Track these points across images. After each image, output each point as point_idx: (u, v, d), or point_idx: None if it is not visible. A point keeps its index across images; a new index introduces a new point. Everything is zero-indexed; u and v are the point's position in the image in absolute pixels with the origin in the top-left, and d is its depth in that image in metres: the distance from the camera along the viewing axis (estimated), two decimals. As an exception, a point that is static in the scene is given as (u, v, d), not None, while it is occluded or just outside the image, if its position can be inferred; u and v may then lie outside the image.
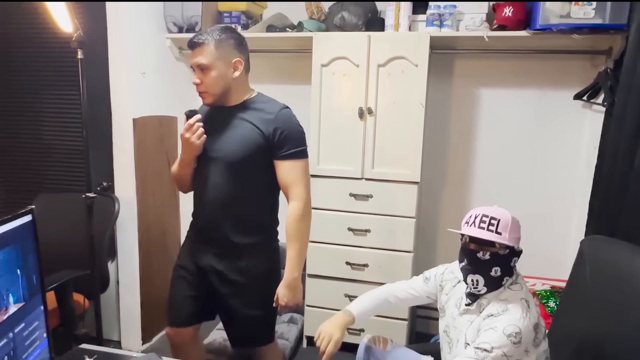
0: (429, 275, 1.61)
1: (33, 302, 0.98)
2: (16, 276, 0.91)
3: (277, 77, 2.84)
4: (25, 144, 2.69)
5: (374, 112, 2.31)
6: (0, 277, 0.86)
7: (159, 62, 2.60)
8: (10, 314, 0.89)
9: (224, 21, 2.61)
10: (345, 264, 2.46)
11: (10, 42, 2.60)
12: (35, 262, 0.99)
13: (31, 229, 0.98)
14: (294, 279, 1.67)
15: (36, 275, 0.99)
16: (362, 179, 2.39)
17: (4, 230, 0.88)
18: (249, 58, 1.74)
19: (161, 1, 2.55)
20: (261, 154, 1.64)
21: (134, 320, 2.59)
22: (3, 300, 0.87)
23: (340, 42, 2.32)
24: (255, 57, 2.88)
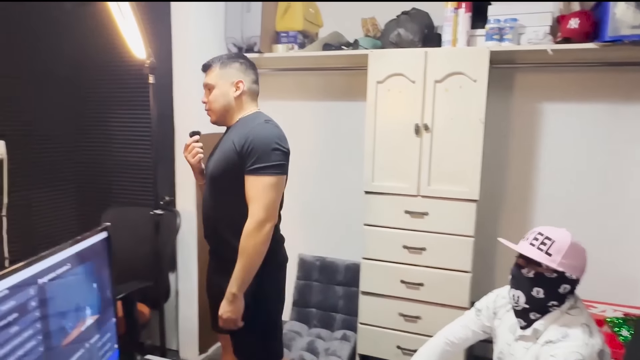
0: (480, 307, 1.54)
1: (106, 314, 1.04)
2: (92, 290, 0.97)
3: (331, 94, 2.88)
4: (96, 159, 2.88)
5: (430, 128, 2.27)
6: (79, 291, 0.92)
7: (220, 81, 2.71)
8: (87, 326, 0.95)
9: (281, 41, 2.68)
10: (400, 283, 2.41)
11: (88, 64, 2.81)
12: (109, 276, 1.05)
13: (106, 245, 1.04)
14: (230, 294, 1.60)
15: (109, 289, 1.05)
16: (418, 196, 2.35)
17: (83, 247, 0.95)
18: (255, 81, 1.83)
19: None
20: (236, 169, 1.64)
21: (192, 330, 2.66)
22: (81, 313, 0.93)
23: (396, 59, 2.32)
24: (311, 75, 2.96)
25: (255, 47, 2.61)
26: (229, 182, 1.67)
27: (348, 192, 2.87)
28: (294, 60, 2.76)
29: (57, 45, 2.75)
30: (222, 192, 1.69)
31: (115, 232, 2.34)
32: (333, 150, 2.94)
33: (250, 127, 1.69)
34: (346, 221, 2.91)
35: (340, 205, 2.94)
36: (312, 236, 3.06)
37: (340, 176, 2.92)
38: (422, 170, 2.32)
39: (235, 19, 2.63)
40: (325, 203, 3.00)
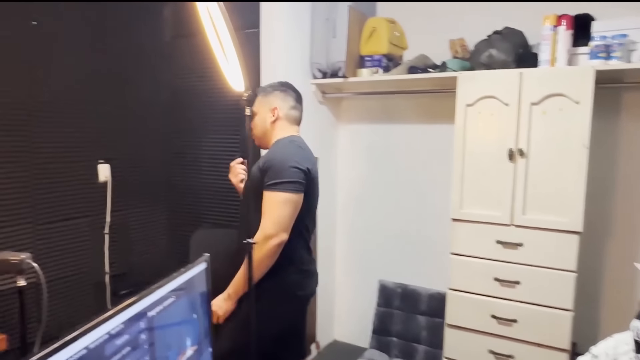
0: (597, 353, 1.37)
1: (204, 344, 1.05)
2: (193, 321, 0.99)
3: (417, 117, 2.81)
4: (187, 182, 3.02)
5: (525, 153, 2.12)
6: (182, 322, 0.94)
7: (305, 106, 2.74)
8: (187, 357, 0.97)
9: (365, 65, 2.67)
10: (491, 317, 2.25)
11: (183, 93, 2.99)
12: (207, 305, 1.07)
13: (205, 275, 1.06)
14: (227, 292, 1.75)
15: (207, 318, 1.07)
16: (511, 225, 2.19)
17: (186, 279, 0.97)
18: (294, 107, 1.95)
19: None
20: (259, 186, 1.72)
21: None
22: (183, 344, 0.95)
23: (488, 81, 2.20)
24: (395, 98, 2.92)
25: (340, 71, 2.62)
26: (254, 199, 1.72)
27: (433, 218, 2.76)
28: (378, 83, 2.73)
29: (157, 75, 2.96)
30: (250, 209, 1.70)
31: (201, 252, 2.43)
32: (418, 174, 2.84)
33: (274, 147, 1.82)
34: (431, 248, 2.79)
35: (425, 232, 2.83)
36: (394, 262, 2.97)
37: (425, 201, 2.82)
38: (516, 198, 2.16)
39: (320, 44, 2.67)
40: (408, 228, 2.91)
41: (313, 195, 1.86)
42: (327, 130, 2.99)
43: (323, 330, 3.08)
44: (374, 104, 2.98)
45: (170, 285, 0.92)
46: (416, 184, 2.85)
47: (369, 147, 3.01)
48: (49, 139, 2.40)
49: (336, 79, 2.65)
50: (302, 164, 1.74)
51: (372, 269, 3.06)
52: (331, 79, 2.68)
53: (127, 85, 2.80)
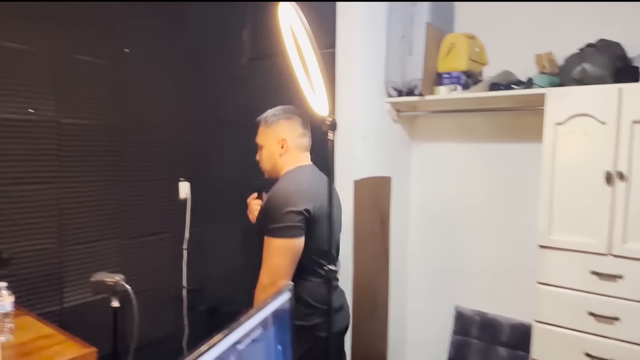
0: None
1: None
2: (278, 352, 0.97)
3: (498, 136, 2.66)
4: None
5: (626, 176, 1.93)
6: (267, 354, 0.92)
7: (378, 125, 2.69)
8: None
9: (443, 82, 2.57)
10: (584, 356, 2.05)
11: (260, 113, 3.04)
12: (290, 335, 1.05)
13: (289, 305, 1.04)
14: None
15: (290, 348, 1.05)
16: (609, 255, 1.99)
17: (272, 310, 0.96)
18: (302, 134, 1.86)
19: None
20: (261, 225, 1.70)
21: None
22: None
23: (581, 98, 2.03)
24: (475, 116, 2.79)
25: (416, 89, 2.55)
26: (258, 239, 1.69)
27: (516, 243, 2.58)
28: (457, 101, 2.62)
29: (235, 96, 3.06)
30: (257, 251, 1.69)
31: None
32: (498, 196, 2.68)
33: (277, 185, 1.76)
34: (513, 276, 2.61)
35: (506, 257, 2.65)
36: (472, 288, 2.81)
37: (506, 225, 2.64)
38: (615, 225, 1.96)
39: (396, 62, 2.61)
40: (487, 253, 2.74)
41: (320, 231, 1.70)
42: (401, 148, 2.92)
43: (396, 350, 2.98)
44: (451, 122, 2.87)
45: (257, 317, 0.91)
46: (497, 206, 2.69)
47: (445, 166, 2.90)
48: (137, 158, 2.55)
49: (412, 97, 2.58)
50: (300, 206, 1.64)
51: (446, 293, 2.92)
52: (407, 97, 2.61)
53: (208, 106, 2.92)
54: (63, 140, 2.24)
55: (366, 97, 2.56)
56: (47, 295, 2.22)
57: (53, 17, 2.19)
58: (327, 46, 2.59)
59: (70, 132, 2.27)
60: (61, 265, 2.25)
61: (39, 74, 2.15)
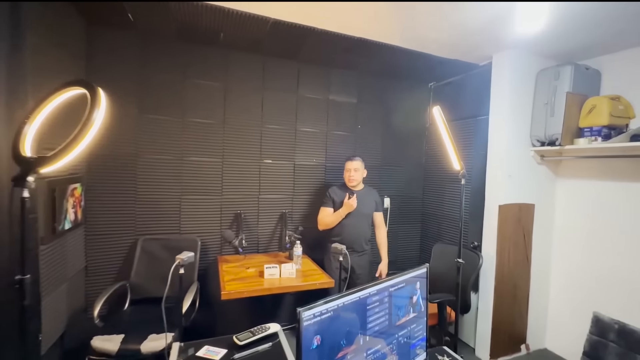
0: None
1: (421, 314, 1.21)
2: (416, 298, 1.17)
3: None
4: (432, 211, 3.06)
5: None
6: (407, 298, 1.14)
7: (523, 166, 2.42)
8: (409, 318, 1.15)
9: (584, 135, 2.15)
10: None
11: (432, 159, 3.10)
12: (425, 292, 1.22)
13: (426, 274, 1.22)
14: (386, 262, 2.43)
15: (424, 300, 1.22)
16: None
17: (415, 274, 1.17)
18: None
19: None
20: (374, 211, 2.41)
21: (485, 338, 2.42)
22: (407, 310, 1.14)
23: None
24: (618, 160, 2.20)
25: (557, 141, 2.21)
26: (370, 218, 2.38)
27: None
28: (598, 149, 2.15)
29: (419, 146, 3.15)
30: (367, 225, 2.35)
31: (439, 260, 2.47)
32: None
33: (369, 188, 2.42)
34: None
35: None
36: (611, 301, 2.21)
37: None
38: None
39: (539, 121, 2.31)
40: (628, 274, 2.12)
41: None
42: (545, 183, 2.53)
43: (534, 335, 2.56)
44: (594, 164, 2.32)
45: (405, 276, 1.13)
46: (638, 233, 2.06)
47: (587, 197, 2.36)
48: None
49: (553, 147, 2.25)
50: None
51: (585, 300, 2.36)
52: (548, 147, 2.28)
53: (404, 151, 3.13)
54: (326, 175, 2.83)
55: (512, 147, 2.37)
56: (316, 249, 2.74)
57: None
58: (484, 114, 2.51)
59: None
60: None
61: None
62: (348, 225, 2.25)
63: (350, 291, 0.97)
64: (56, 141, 1.57)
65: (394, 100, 3.03)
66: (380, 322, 1.05)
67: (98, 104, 0.93)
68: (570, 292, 2.46)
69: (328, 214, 2.26)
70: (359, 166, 2.29)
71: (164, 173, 2.35)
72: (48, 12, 1.61)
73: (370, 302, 1.02)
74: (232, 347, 1.23)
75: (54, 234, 1.69)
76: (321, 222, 2.29)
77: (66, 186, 1.81)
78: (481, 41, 2.15)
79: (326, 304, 0.90)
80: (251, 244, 2.58)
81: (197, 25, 2.08)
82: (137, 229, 2.29)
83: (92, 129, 0.93)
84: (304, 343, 0.85)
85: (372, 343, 1.02)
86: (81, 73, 2.04)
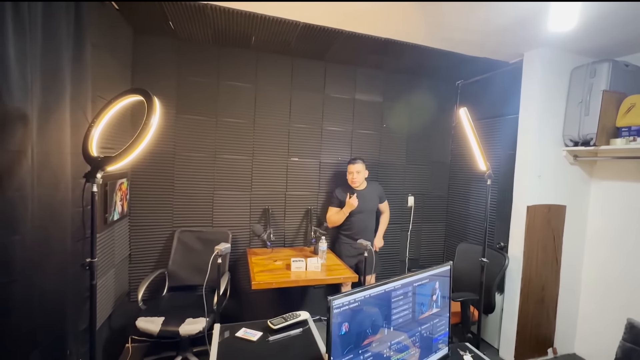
0: None
1: (444, 310, 1.24)
2: (438, 295, 1.21)
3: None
4: (458, 211, 3.05)
5: None
6: (430, 293, 1.18)
7: (554, 167, 2.35)
8: (433, 312, 1.20)
9: (621, 135, 2.06)
10: None
11: (459, 158, 3.07)
12: (448, 289, 1.26)
13: (449, 272, 1.26)
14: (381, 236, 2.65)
15: (447, 297, 1.26)
16: None
17: (438, 271, 1.21)
18: None
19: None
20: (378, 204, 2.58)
21: (510, 339, 2.39)
22: (430, 305, 1.18)
23: None
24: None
25: (591, 142, 2.14)
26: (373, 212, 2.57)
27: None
28: (636, 150, 2.06)
29: (444, 145, 3.14)
30: (371, 217, 2.51)
31: (463, 260, 2.47)
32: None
33: (372, 185, 2.57)
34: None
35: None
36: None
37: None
38: None
39: (573, 121, 2.24)
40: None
41: None
42: (578, 184, 2.44)
43: (562, 338, 2.50)
44: (633, 165, 2.22)
45: (428, 272, 1.18)
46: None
47: (623, 200, 2.27)
48: (387, 183, 2.98)
49: (587, 147, 2.17)
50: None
51: (618, 306, 2.27)
52: (582, 147, 2.21)
53: (430, 150, 3.12)
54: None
55: (542, 147, 2.31)
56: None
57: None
58: (513, 113, 2.46)
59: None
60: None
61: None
62: (356, 220, 2.49)
63: (377, 284, 1.04)
64: (106, 142, 1.75)
65: (419, 99, 3.02)
66: (404, 315, 1.10)
67: (154, 111, 1.05)
68: (602, 297, 2.38)
69: (334, 213, 2.48)
70: (360, 168, 2.44)
71: (199, 170, 2.50)
72: (104, 22, 1.78)
73: (395, 295, 1.08)
74: (266, 331, 1.32)
75: (106, 224, 1.87)
76: (329, 220, 2.52)
77: (115, 181, 1.99)
78: (512, 39, 2.12)
79: (354, 295, 0.97)
80: (278, 238, 2.69)
81: (231, 30, 2.20)
82: (174, 222, 2.46)
83: (149, 132, 1.04)
84: (334, 329, 0.92)
85: (396, 334, 1.08)
86: (128, 78, 2.22)
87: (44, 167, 1.18)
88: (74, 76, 1.36)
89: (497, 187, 2.60)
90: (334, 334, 0.92)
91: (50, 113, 1.22)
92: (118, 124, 1.94)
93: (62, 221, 1.28)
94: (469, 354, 1.29)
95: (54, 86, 1.23)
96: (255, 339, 1.26)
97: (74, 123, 1.38)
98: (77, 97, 1.40)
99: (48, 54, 1.19)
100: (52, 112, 1.23)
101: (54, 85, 1.23)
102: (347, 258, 2.46)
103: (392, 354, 1.06)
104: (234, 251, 2.59)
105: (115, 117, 1.28)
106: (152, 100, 1.06)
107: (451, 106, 3.12)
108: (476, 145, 1.51)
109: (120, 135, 1.98)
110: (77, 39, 1.38)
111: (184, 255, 2.40)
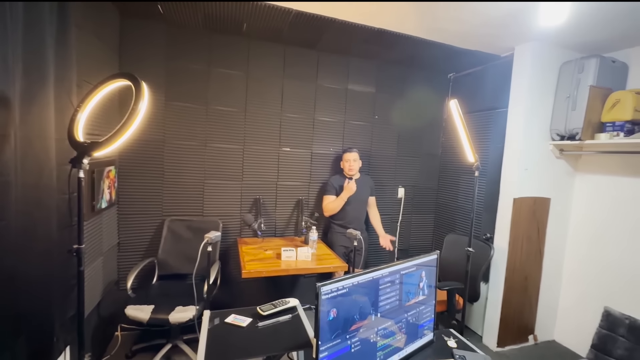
0: None
1: (430, 298, 1.28)
2: (424, 283, 1.23)
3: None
4: (445, 202, 3.07)
5: None
6: (417, 281, 1.20)
7: (540, 160, 2.41)
8: (419, 300, 1.23)
9: (605, 130, 2.11)
10: None
11: (449, 150, 3.09)
12: (435, 278, 1.28)
13: (436, 261, 1.28)
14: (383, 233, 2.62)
15: (434, 285, 1.29)
16: None
17: (424, 260, 1.23)
18: None
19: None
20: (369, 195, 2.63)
21: (493, 326, 2.47)
22: (416, 293, 1.21)
23: None
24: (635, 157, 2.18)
25: (577, 136, 2.18)
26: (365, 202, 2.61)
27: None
28: (619, 145, 2.11)
29: (435, 138, 3.15)
30: (363, 208, 2.57)
31: (451, 250, 2.51)
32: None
33: (366, 176, 2.66)
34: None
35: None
36: (622, 296, 2.21)
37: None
38: None
39: (560, 115, 2.28)
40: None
41: None
42: (563, 178, 2.50)
43: (543, 326, 2.60)
44: (615, 160, 2.29)
45: (416, 261, 1.20)
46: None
47: (606, 193, 2.34)
48: (378, 175, 3.00)
49: (573, 142, 2.22)
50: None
51: (597, 295, 2.36)
52: (568, 141, 2.25)
53: (421, 142, 3.13)
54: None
55: (530, 140, 2.35)
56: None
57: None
58: (503, 106, 2.48)
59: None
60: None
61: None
62: (350, 210, 2.51)
63: (365, 271, 1.05)
64: (93, 128, 1.71)
65: (412, 91, 3.02)
66: (391, 302, 1.13)
67: (142, 96, 1.02)
68: (581, 287, 2.47)
69: (332, 201, 2.49)
70: (356, 157, 2.52)
71: (189, 158, 2.47)
72: (89, 6, 1.71)
73: (382, 282, 1.10)
74: (255, 317, 1.34)
75: (93, 212, 1.84)
76: (327, 209, 2.51)
77: (103, 168, 1.95)
78: (504, 32, 2.12)
79: (342, 281, 0.99)
80: (269, 227, 2.69)
81: (221, 16, 2.15)
82: (164, 210, 2.44)
83: (137, 118, 1.02)
84: (322, 315, 0.94)
85: (383, 320, 1.10)
86: (115, 62, 2.16)
87: (28, 152, 1.15)
88: (58, 58, 1.32)
89: (485, 179, 2.64)
90: (322, 320, 0.94)
91: (34, 96, 1.18)
92: (105, 110, 1.89)
93: (47, 208, 1.26)
94: (453, 339, 1.33)
95: (37, 69, 1.19)
96: (245, 325, 1.28)
97: (59, 107, 1.34)
98: (62, 81, 1.36)
99: (30, 34, 1.14)
100: (35, 96, 1.19)
101: (37, 67, 1.19)
102: (340, 247, 2.50)
103: (378, 339, 1.08)
104: (225, 240, 2.58)
105: (102, 103, 1.25)
106: (140, 85, 1.03)
107: (443, 99, 3.13)
108: (465, 137, 1.53)
109: (107, 122, 1.93)
110: (61, 19, 1.33)
111: (174, 244, 2.39)
